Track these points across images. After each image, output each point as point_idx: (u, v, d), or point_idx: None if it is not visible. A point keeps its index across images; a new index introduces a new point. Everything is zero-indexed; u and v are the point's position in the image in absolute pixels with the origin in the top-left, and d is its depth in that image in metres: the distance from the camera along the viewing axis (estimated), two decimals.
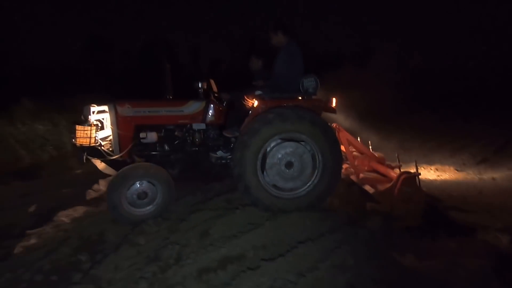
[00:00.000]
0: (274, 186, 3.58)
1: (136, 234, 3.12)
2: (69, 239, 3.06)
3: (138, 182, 3.45)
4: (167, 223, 3.35)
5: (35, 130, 7.01)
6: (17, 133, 6.87)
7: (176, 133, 3.92)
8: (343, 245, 2.80)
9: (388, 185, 3.56)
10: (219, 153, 3.95)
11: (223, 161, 3.95)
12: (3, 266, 2.70)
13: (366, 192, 3.78)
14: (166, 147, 3.93)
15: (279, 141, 3.54)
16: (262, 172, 3.57)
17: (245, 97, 3.81)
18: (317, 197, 3.60)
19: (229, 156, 3.92)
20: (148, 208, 3.48)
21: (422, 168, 5.69)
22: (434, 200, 4.13)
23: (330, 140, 3.57)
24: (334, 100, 3.69)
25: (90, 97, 4.12)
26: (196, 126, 3.92)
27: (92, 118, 3.73)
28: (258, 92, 3.71)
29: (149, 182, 3.47)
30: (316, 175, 3.59)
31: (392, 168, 4.16)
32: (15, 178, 5.43)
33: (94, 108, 3.81)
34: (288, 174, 3.58)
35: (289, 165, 3.57)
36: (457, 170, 5.82)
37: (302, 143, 3.54)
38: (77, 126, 3.60)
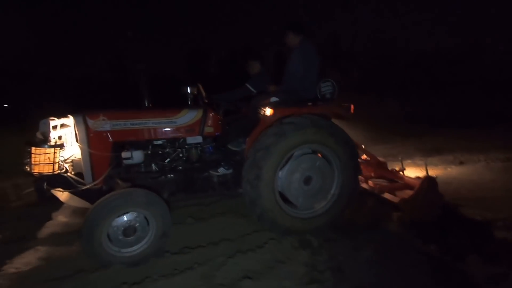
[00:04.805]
0: (294, 206, 3.12)
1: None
2: None
3: (136, 213, 2.65)
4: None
5: None
6: None
7: (167, 149, 3.18)
8: None
9: (411, 192, 3.36)
10: (221, 170, 3.31)
11: (225, 179, 3.32)
12: None
13: (383, 199, 3.54)
14: (154, 167, 3.16)
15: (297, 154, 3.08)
16: (280, 193, 3.07)
17: (260, 106, 3.25)
18: (336, 213, 3.24)
19: (231, 173, 3.34)
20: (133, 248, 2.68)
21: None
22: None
23: (349, 150, 3.23)
24: (352, 106, 3.35)
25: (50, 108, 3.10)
26: (192, 139, 3.23)
27: (53, 135, 2.79)
28: (273, 99, 3.18)
29: (145, 216, 2.68)
30: (335, 189, 3.23)
31: (397, 172, 4.02)
32: None
33: (55, 122, 2.87)
34: (308, 190, 3.14)
35: (307, 180, 3.14)
36: None
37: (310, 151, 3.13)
38: (33, 148, 2.63)
